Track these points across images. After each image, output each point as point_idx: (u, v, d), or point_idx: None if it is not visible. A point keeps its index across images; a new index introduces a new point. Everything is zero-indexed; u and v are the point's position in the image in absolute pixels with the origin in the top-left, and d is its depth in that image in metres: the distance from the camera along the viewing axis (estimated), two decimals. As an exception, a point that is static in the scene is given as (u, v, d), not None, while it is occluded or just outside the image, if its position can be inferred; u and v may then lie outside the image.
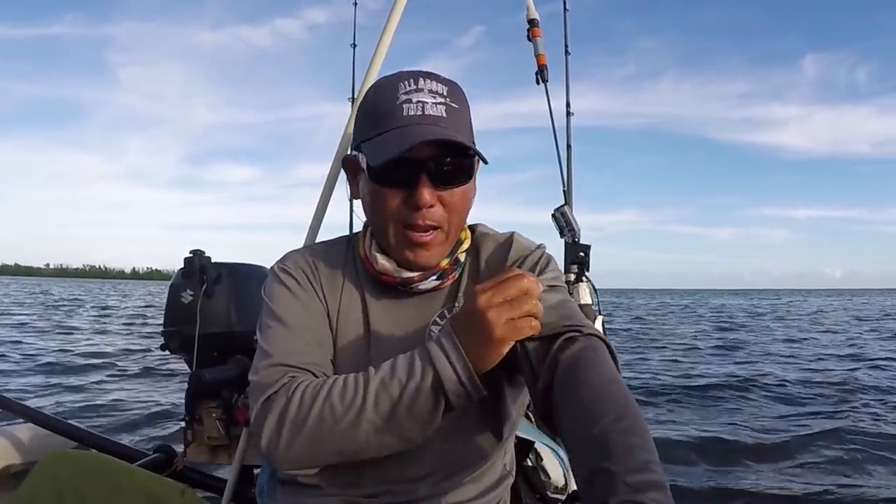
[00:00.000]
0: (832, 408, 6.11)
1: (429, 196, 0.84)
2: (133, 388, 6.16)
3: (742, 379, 7.76)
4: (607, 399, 0.66)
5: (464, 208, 0.90)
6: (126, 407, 5.24)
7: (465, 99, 0.91)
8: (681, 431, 5.04)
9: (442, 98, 0.86)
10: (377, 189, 0.87)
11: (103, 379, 6.76)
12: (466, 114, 0.90)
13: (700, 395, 6.83)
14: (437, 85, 0.87)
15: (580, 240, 2.04)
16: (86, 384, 6.40)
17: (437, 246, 0.89)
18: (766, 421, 5.58)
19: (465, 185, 0.88)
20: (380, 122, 0.86)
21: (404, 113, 0.84)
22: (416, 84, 0.86)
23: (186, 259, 1.88)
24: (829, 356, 10.57)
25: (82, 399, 5.63)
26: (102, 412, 5.07)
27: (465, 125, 0.88)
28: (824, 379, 7.83)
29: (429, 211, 0.85)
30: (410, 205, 0.85)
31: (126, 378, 6.84)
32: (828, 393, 6.92)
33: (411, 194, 0.84)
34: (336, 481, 0.88)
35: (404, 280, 0.91)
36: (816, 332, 16.22)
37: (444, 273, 0.92)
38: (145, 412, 5.04)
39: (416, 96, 0.85)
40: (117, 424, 4.61)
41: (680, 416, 5.80)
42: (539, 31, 2.18)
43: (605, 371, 0.72)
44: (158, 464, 1.86)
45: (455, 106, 0.87)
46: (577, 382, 0.71)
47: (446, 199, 0.86)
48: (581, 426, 0.64)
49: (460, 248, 0.94)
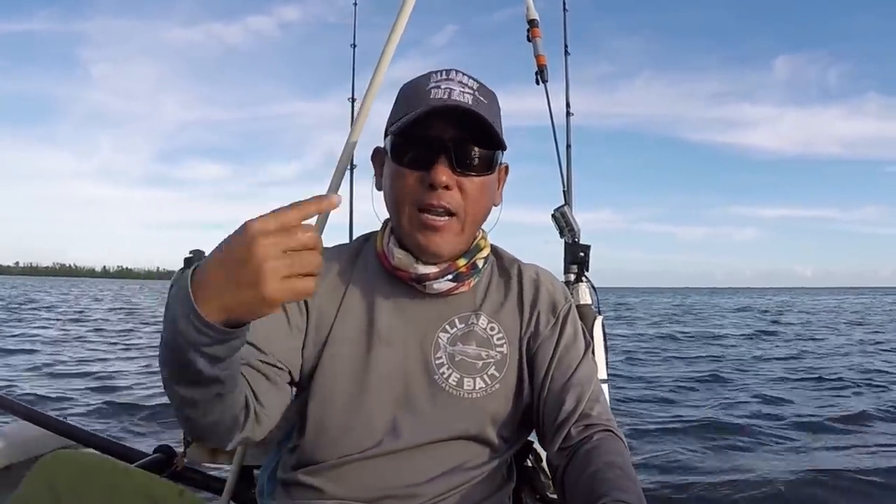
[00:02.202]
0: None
1: (445, 177, 0.84)
2: (133, 388, 6.16)
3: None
4: (611, 487, 0.73)
5: (482, 201, 0.90)
6: (125, 407, 5.23)
7: (497, 101, 0.92)
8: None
9: (471, 90, 0.87)
10: (397, 169, 0.87)
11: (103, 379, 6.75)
12: (495, 108, 0.91)
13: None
14: (468, 79, 0.89)
15: (580, 240, 2.04)
16: (85, 383, 6.40)
17: (451, 234, 0.88)
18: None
19: (484, 175, 0.88)
20: (410, 105, 0.87)
21: (432, 96, 0.85)
22: (448, 75, 0.88)
23: (186, 259, 1.88)
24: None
25: (82, 399, 5.63)
26: (102, 412, 5.06)
27: (492, 116, 0.88)
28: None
29: (444, 192, 0.85)
30: (426, 183, 0.85)
31: (125, 378, 6.84)
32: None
33: (428, 173, 0.85)
34: (336, 485, 0.88)
35: (419, 276, 0.90)
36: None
37: (460, 275, 0.91)
38: (145, 412, 5.04)
39: (445, 84, 0.86)
40: (117, 425, 4.61)
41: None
42: (539, 32, 2.18)
43: (616, 466, 0.78)
44: (158, 464, 1.86)
45: (483, 100, 0.88)
46: (586, 479, 0.77)
47: (464, 186, 0.86)
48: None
49: (479, 254, 0.94)
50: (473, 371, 0.90)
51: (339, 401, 0.89)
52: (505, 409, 0.91)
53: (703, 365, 8.63)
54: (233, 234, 0.59)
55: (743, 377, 7.50)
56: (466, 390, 0.89)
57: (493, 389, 0.90)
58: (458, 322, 0.92)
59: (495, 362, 0.91)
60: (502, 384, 0.91)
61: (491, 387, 0.90)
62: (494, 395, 0.90)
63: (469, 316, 0.93)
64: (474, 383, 0.90)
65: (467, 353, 0.91)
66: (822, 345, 11.66)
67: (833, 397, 6.18)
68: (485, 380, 0.91)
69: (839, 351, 10.48)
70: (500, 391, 0.91)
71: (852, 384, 6.83)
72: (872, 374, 7.59)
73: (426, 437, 0.88)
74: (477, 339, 0.92)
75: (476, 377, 0.90)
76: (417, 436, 0.88)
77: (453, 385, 0.89)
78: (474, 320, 0.93)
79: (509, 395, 0.92)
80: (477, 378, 0.90)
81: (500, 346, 0.92)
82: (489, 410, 0.90)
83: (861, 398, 6.13)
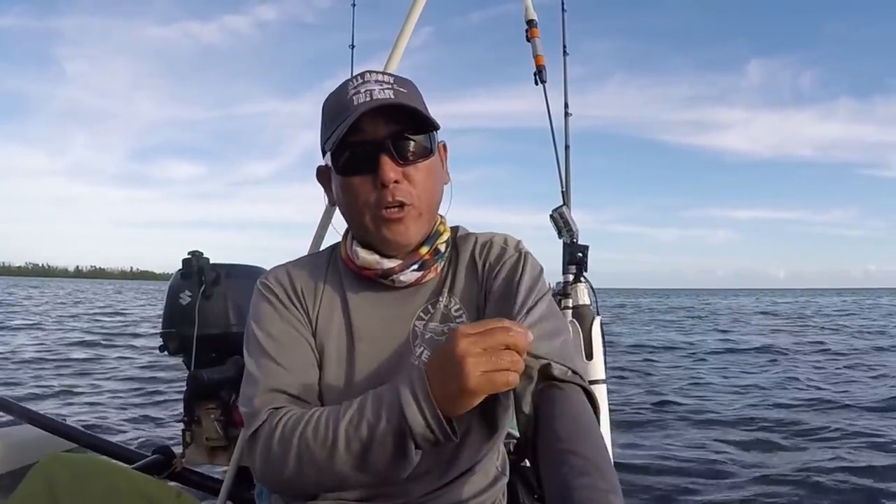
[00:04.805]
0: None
1: (392, 173, 0.86)
2: (133, 388, 6.16)
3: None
4: (576, 454, 0.67)
5: (432, 185, 0.92)
6: (125, 408, 5.24)
7: (414, 86, 0.94)
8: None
9: (389, 84, 0.89)
10: (345, 181, 0.89)
11: (102, 378, 6.76)
12: (417, 96, 0.93)
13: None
14: (382, 76, 0.91)
15: (578, 240, 2.04)
16: (84, 384, 6.40)
17: (412, 220, 0.90)
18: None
19: (427, 159, 0.90)
20: (336, 119, 0.88)
21: (355, 103, 0.86)
22: (363, 78, 0.90)
23: (185, 260, 1.88)
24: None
25: (80, 399, 5.64)
26: (102, 412, 5.07)
27: (416, 104, 0.89)
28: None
29: (396, 187, 0.87)
30: (377, 185, 0.87)
31: (125, 379, 6.84)
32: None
33: (376, 175, 0.86)
34: None
35: (385, 271, 0.91)
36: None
37: (424, 263, 0.93)
38: (145, 413, 5.04)
39: (364, 87, 0.88)
40: (117, 426, 4.61)
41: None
42: (537, 32, 2.17)
43: (581, 422, 0.73)
44: (157, 465, 1.86)
45: (403, 90, 0.90)
46: (550, 434, 0.72)
47: (411, 175, 0.88)
48: (550, 482, 0.67)
49: (440, 239, 0.95)
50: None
51: (326, 400, 0.90)
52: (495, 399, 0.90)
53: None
54: (445, 341, 0.72)
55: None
56: None
57: None
58: (430, 308, 0.94)
59: None
60: None
61: None
62: None
63: (438, 300, 0.94)
64: None
65: (435, 330, 0.92)
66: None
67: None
68: None
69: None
70: None
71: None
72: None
73: None
74: (440, 317, 0.93)
75: None
76: None
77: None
78: (443, 300, 0.94)
79: None
80: None
81: (458, 317, 0.93)
82: None
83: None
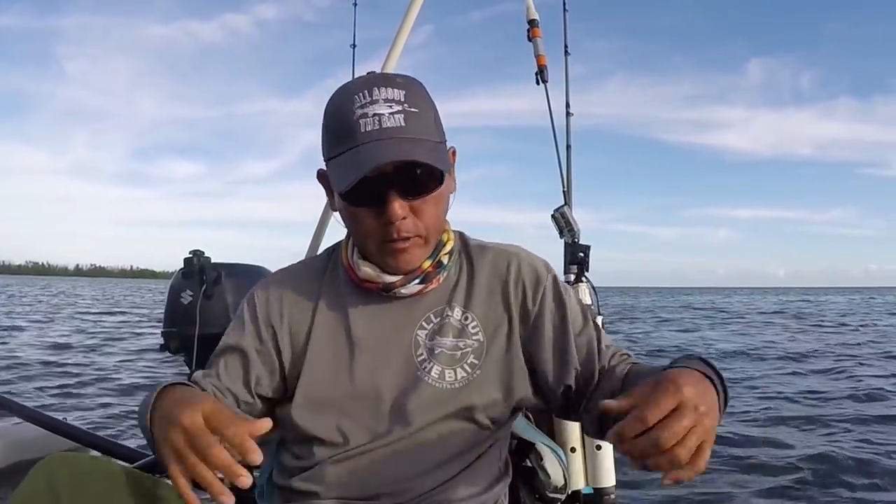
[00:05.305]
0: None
1: (400, 210, 0.84)
2: (133, 388, 6.16)
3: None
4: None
5: (438, 212, 0.90)
6: (126, 408, 5.24)
7: (425, 96, 0.89)
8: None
9: (399, 105, 0.83)
10: (349, 208, 0.88)
11: (102, 379, 6.76)
12: (429, 114, 0.88)
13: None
14: (392, 91, 0.84)
15: (580, 240, 2.03)
16: (84, 384, 6.40)
17: (418, 249, 0.89)
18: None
19: (435, 191, 0.87)
20: (341, 140, 0.84)
21: (362, 129, 0.82)
22: (371, 95, 0.83)
23: (186, 259, 1.89)
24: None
25: (81, 399, 5.64)
26: (102, 412, 5.07)
27: (427, 128, 0.86)
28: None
29: (403, 223, 0.85)
30: (383, 220, 0.85)
31: (125, 378, 6.84)
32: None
33: (383, 210, 0.84)
34: (330, 486, 0.90)
35: (387, 285, 0.91)
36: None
37: (426, 276, 0.92)
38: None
39: (371, 109, 0.82)
40: (116, 425, 4.61)
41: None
42: (539, 32, 2.16)
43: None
44: (159, 464, 1.86)
45: (414, 110, 0.84)
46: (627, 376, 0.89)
47: (418, 209, 0.86)
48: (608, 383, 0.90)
49: (443, 251, 0.94)
50: (453, 362, 0.92)
51: (326, 406, 0.91)
52: (489, 395, 0.92)
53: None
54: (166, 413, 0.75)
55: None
56: (448, 381, 0.91)
57: (475, 377, 0.92)
58: (432, 317, 0.94)
59: (473, 351, 0.93)
60: (483, 371, 0.93)
61: (472, 375, 0.92)
62: (476, 383, 0.92)
63: (443, 309, 0.94)
64: (455, 374, 0.92)
65: (445, 345, 0.92)
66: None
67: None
68: (465, 369, 0.92)
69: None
70: (481, 378, 0.92)
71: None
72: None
73: (415, 430, 0.90)
74: (453, 331, 0.93)
75: (456, 367, 0.92)
76: (407, 430, 0.89)
77: (435, 378, 0.91)
78: (448, 312, 0.94)
79: (492, 382, 0.93)
80: (458, 368, 0.92)
81: (475, 334, 0.94)
82: (473, 398, 0.91)
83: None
